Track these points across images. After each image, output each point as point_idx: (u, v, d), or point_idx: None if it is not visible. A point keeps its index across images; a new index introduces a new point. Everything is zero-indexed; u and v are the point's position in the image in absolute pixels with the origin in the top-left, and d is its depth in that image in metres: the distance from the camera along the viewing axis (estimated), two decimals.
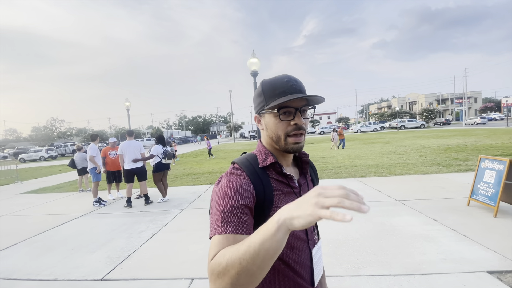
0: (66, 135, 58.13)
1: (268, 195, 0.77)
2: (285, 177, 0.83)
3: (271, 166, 0.82)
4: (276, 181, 0.82)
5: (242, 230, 0.67)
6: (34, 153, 30.46)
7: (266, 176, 0.80)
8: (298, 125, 0.79)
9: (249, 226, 0.70)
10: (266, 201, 0.76)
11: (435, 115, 48.53)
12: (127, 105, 16.36)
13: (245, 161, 0.83)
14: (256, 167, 0.81)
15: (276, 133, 0.81)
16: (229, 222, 0.67)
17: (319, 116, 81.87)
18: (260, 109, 0.83)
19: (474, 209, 4.21)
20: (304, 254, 0.82)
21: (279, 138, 0.81)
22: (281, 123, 0.80)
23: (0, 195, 8.80)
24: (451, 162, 8.48)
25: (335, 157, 11.88)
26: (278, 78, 0.82)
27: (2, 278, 3.08)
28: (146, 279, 2.87)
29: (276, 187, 0.80)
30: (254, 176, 0.78)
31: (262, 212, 0.76)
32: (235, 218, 0.68)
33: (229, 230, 0.66)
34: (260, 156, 0.84)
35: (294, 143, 0.80)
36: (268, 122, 0.82)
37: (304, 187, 0.89)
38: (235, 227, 0.67)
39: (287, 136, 0.79)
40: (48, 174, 14.45)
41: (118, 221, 5.03)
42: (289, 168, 0.90)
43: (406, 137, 21.83)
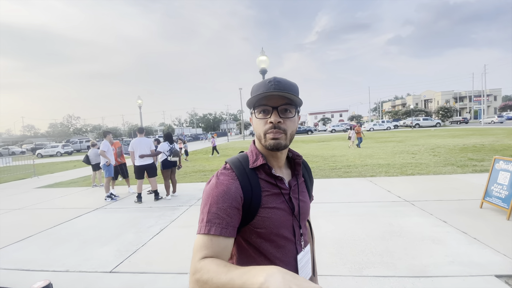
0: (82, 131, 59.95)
1: (256, 196, 0.79)
2: (274, 178, 0.84)
3: (261, 167, 0.84)
4: (265, 182, 0.83)
5: (225, 232, 0.71)
6: (51, 149, 31.54)
7: (255, 177, 0.82)
8: (273, 123, 0.78)
9: (232, 227, 0.73)
10: (253, 202, 0.78)
11: (452, 113, 46.96)
12: (139, 102, 16.68)
13: (236, 161, 0.85)
14: (246, 168, 0.83)
15: (257, 132, 0.83)
16: (213, 223, 0.72)
17: (330, 114, 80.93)
18: (250, 110, 0.87)
19: (487, 212, 4.08)
20: (290, 254, 0.84)
21: (260, 137, 0.82)
22: (259, 122, 0.81)
23: (18, 189, 9.19)
24: (466, 163, 8.22)
25: (345, 156, 11.73)
26: (264, 80, 0.83)
27: (17, 269, 3.23)
28: (152, 273, 2.94)
29: (264, 188, 0.82)
30: (243, 176, 0.80)
31: (250, 211, 0.78)
32: (219, 219, 0.72)
33: (212, 231, 0.70)
34: (251, 156, 0.86)
35: (271, 139, 0.79)
36: (253, 121, 0.85)
37: (295, 188, 0.90)
38: (218, 228, 0.71)
39: (266, 133, 0.80)
40: (64, 169, 14.95)
41: (128, 216, 5.17)
42: (281, 169, 0.90)
43: (420, 136, 21.28)
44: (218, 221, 0.72)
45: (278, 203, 0.83)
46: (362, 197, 5.31)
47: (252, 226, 0.79)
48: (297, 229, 0.87)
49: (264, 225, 0.80)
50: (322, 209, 4.72)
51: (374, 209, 4.52)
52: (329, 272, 2.69)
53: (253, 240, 0.81)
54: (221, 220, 0.72)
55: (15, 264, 3.34)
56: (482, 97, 47.01)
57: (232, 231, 0.73)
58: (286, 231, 0.84)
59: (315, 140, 25.40)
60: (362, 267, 2.74)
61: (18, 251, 3.78)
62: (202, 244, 0.70)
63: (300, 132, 44.50)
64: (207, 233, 0.71)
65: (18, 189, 9.13)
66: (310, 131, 44.63)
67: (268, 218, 0.80)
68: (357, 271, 2.68)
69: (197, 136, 51.61)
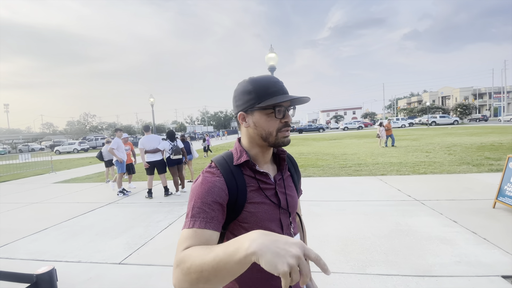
0: (97, 129, 61.69)
1: (241, 191, 0.82)
2: (259, 174, 0.87)
3: (245, 164, 0.87)
4: (250, 178, 0.86)
5: (209, 225, 0.73)
6: (68, 146, 32.71)
7: (240, 173, 0.85)
8: (287, 122, 0.85)
9: (216, 221, 0.75)
10: (239, 197, 0.81)
11: (470, 110, 45.26)
12: (152, 101, 17.00)
13: (221, 160, 0.88)
14: (231, 165, 0.85)
15: (267, 130, 0.85)
16: (197, 217, 0.74)
17: (343, 111, 79.71)
18: (249, 106, 0.85)
19: (500, 212, 3.95)
20: None
21: (270, 134, 0.85)
22: (273, 120, 0.84)
23: (36, 184, 9.61)
24: (482, 162, 7.94)
25: (357, 154, 11.57)
26: (267, 78, 0.86)
27: (32, 259, 3.41)
28: (159, 265, 3.04)
29: (249, 184, 0.85)
30: (227, 173, 0.83)
31: (236, 207, 0.81)
32: (204, 213, 0.74)
33: (197, 225, 0.72)
34: (236, 154, 0.89)
35: (284, 137, 0.86)
36: (259, 120, 0.84)
37: (280, 182, 0.92)
38: (202, 222, 0.73)
39: (278, 132, 0.85)
40: (80, 165, 15.48)
41: (139, 210, 5.32)
42: (267, 165, 0.93)
43: (436, 134, 20.66)
44: (203, 215, 0.74)
45: (263, 197, 0.85)
46: (371, 195, 5.24)
47: (239, 221, 0.82)
48: (285, 221, 0.90)
49: (251, 219, 0.82)
50: (329, 207, 4.69)
51: (382, 208, 4.46)
52: (332, 269, 2.69)
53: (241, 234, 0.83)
54: (205, 214, 0.74)
55: (31, 255, 3.52)
56: (502, 94, 45.06)
57: (216, 225, 0.75)
58: (273, 224, 0.85)
59: (326, 138, 25.13)
60: (365, 265, 2.73)
61: (34, 242, 3.98)
62: (185, 237, 0.71)
63: (312, 129, 44.11)
64: (191, 227, 0.72)
65: (37, 184, 9.54)
66: (321, 128, 44.15)
67: (255, 213, 0.82)
68: (360, 269, 2.67)
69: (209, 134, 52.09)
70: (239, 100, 0.87)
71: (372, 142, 17.36)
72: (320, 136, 29.78)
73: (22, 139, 60.24)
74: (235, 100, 0.90)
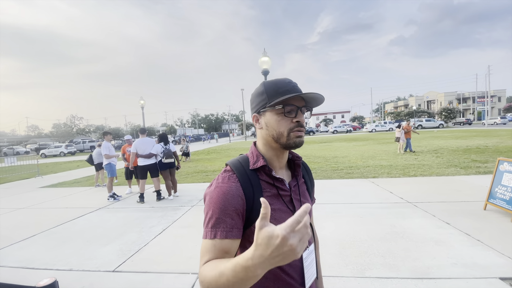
0: (85, 132, 60.26)
1: (257, 197, 0.80)
2: (275, 179, 0.85)
3: (262, 169, 0.85)
4: (266, 183, 0.84)
5: (230, 235, 0.73)
6: (54, 149, 31.76)
7: (256, 178, 0.83)
8: (300, 122, 0.82)
9: (237, 229, 0.75)
10: (255, 202, 0.79)
11: (455, 114, 46.70)
12: (142, 103, 16.75)
13: (237, 163, 0.86)
14: (247, 169, 0.84)
15: (278, 130, 0.82)
16: (218, 227, 0.73)
17: (332, 114, 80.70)
18: (261, 107, 0.84)
19: (491, 213, 4.06)
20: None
21: (282, 135, 0.82)
22: (284, 120, 0.82)
23: (22, 188, 9.26)
24: (469, 164, 8.17)
25: (347, 157, 11.71)
26: (280, 79, 0.85)
27: (21, 267, 3.26)
28: (154, 272, 2.96)
29: (265, 189, 0.83)
30: (244, 178, 0.81)
31: (252, 212, 0.79)
32: (224, 223, 0.73)
33: (218, 235, 0.72)
34: (252, 158, 0.87)
35: (297, 137, 0.82)
36: (270, 119, 0.84)
37: (295, 189, 0.90)
38: (223, 232, 0.72)
39: (290, 132, 0.82)
40: (67, 169, 15.04)
41: (131, 215, 5.19)
42: (282, 170, 0.91)
43: (423, 137, 21.18)
44: (223, 225, 0.73)
45: (279, 204, 0.83)
46: (364, 198, 5.30)
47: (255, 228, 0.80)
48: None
49: None
50: (324, 210, 4.71)
51: (376, 210, 4.51)
52: (332, 273, 2.69)
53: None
54: (225, 224, 0.73)
55: (20, 263, 3.37)
56: (486, 98, 46.71)
57: (237, 233, 0.75)
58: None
59: (316, 141, 25.36)
60: (364, 268, 2.74)
61: (23, 249, 3.81)
62: (206, 249, 0.71)
63: None
64: (213, 238, 0.72)
65: (23, 189, 9.20)
66: (311, 132, 44.60)
67: (271, 220, 0.79)
68: (359, 272, 2.67)
69: (199, 137, 51.72)
70: (253, 102, 0.88)
71: (361, 145, 17.63)
72: (310, 139, 30.03)
73: (7, 142, 58.17)
74: (250, 103, 0.91)
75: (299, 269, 0.84)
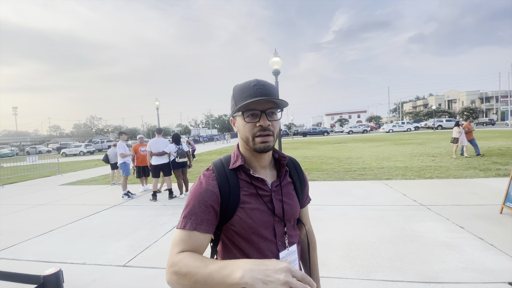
0: (103, 132, 62.31)
1: (234, 195, 0.83)
2: (254, 179, 0.87)
3: (240, 168, 0.87)
4: (245, 183, 0.86)
5: (199, 228, 0.77)
6: (74, 148, 33.04)
7: (235, 177, 0.86)
8: (263, 126, 0.81)
9: (207, 223, 0.79)
10: (231, 201, 0.82)
11: (477, 114, 44.80)
12: (157, 104, 17.14)
13: (219, 163, 0.90)
14: (227, 169, 0.87)
15: (244, 135, 0.85)
16: (189, 219, 0.78)
17: (348, 114, 79.34)
18: (232, 112, 0.87)
19: (507, 217, 3.88)
20: (271, 255, 0.84)
21: (248, 139, 0.84)
22: (247, 125, 0.83)
23: (43, 186, 9.72)
24: (489, 166, 7.83)
25: (362, 158, 11.50)
26: (247, 82, 0.85)
27: (37, 260, 3.45)
28: (163, 268, 3.05)
29: (243, 188, 0.85)
30: (222, 177, 0.85)
31: (228, 210, 0.82)
32: (195, 216, 0.78)
33: (188, 226, 0.77)
34: (233, 158, 0.90)
35: (261, 143, 0.82)
36: (239, 124, 0.86)
37: (277, 189, 0.90)
38: (192, 224, 0.77)
39: (255, 137, 0.82)
40: (86, 167, 15.64)
41: (143, 213, 5.34)
42: (265, 170, 0.92)
43: (442, 138, 20.44)
44: (194, 217, 0.78)
45: (257, 203, 0.84)
46: (376, 200, 5.20)
47: (231, 225, 0.83)
48: (280, 229, 0.87)
49: (242, 224, 0.82)
50: (333, 211, 4.66)
51: (387, 213, 4.42)
52: (336, 275, 2.67)
53: (234, 238, 0.84)
54: (196, 216, 0.78)
55: (37, 256, 3.56)
56: (509, 98, 44.47)
57: (207, 227, 0.79)
58: (266, 231, 0.84)
59: (331, 141, 25.03)
60: (370, 270, 2.70)
61: (40, 243, 4.02)
62: (179, 239, 0.76)
63: (316, 133, 44.00)
64: (182, 228, 0.77)
65: (44, 186, 9.66)
66: (326, 132, 44.03)
67: (246, 218, 0.82)
68: (364, 274, 2.64)
69: (212, 137, 52.28)
70: (230, 106, 0.90)
71: (376, 146, 17.23)
72: (325, 139, 29.67)
73: (30, 142, 61.11)
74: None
75: None
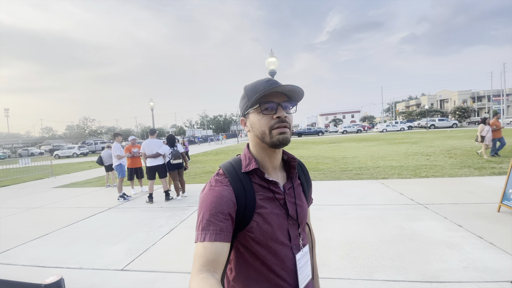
0: (97, 133, 61.51)
1: (250, 200, 0.79)
2: (268, 182, 0.84)
3: (254, 172, 0.84)
4: (259, 186, 0.83)
5: (219, 238, 0.72)
6: (67, 150, 32.61)
7: (248, 181, 0.82)
8: (280, 118, 0.79)
9: (226, 232, 0.74)
10: (248, 206, 0.79)
11: (469, 113, 45.44)
12: (151, 105, 17.00)
13: (229, 166, 0.85)
14: (239, 172, 0.83)
15: (260, 129, 0.81)
16: (207, 230, 0.73)
17: (342, 114, 79.84)
18: (245, 110, 0.85)
19: (505, 216, 3.93)
20: (287, 259, 0.83)
21: (265, 134, 0.81)
22: (264, 118, 0.80)
23: (36, 188, 9.54)
24: (483, 165, 7.94)
25: (357, 158, 11.56)
26: (260, 80, 0.85)
27: (33, 265, 3.36)
28: (162, 272, 2.99)
29: (258, 192, 0.82)
30: (235, 181, 0.81)
31: (245, 216, 0.79)
32: (213, 226, 0.73)
33: (207, 238, 0.72)
34: (244, 160, 0.86)
35: (279, 134, 0.79)
36: (253, 120, 0.83)
37: (290, 192, 0.88)
38: (212, 235, 0.72)
39: (272, 129, 0.80)
40: (80, 169, 15.41)
41: (140, 215, 5.27)
42: (276, 172, 0.89)
43: (435, 137, 20.70)
44: (212, 227, 0.73)
45: (272, 207, 0.82)
46: (373, 199, 5.22)
47: (247, 231, 0.79)
48: (294, 232, 0.86)
49: (259, 230, 0.79)
50: (332, 211, 4.66)
51: (386, 212, 4.43)
52: (338, 275, 2.66)
53: (250, 245, 0.81)
54: (214, 226, 0.73)
55: (32, 261, 3.47)
56: (501, 97, 45.31)
57: (227, 236, 0.74)
58: (282, 235, 0.83)
59: (325, 141, 25.14)
60: (371, 270, 2.70)
61: (35, 248, 3.93)
62: (198, 253, 0.71)
63: (311, 133, 44.13)
64: (202, 241, 0.72)
65: (37, 189, 9.48)
66: (320, 132, 44.20)
67: (263, 223, 0.80)
68: (366, 274, 2.63)
69: (206, 138, 52.10)
70: (240, 107, 0.90)
71: (371, 145, 17.35)
72: (320, 139, 29.79)
73: (22, 144, 60.05)
74: (239, 109, 0.92)
75: (292, 271, 0.83)
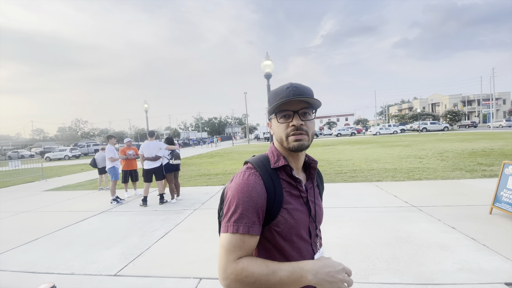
0: (89, 135, 60.67)
1: (278, 195, 0.82)
2: (294, 180, 0.87)
3: (282, 168, 0.87)
4: (286, 183, 0.86)
5: (252, 230, 0.75)
6: (59, 152, 32.04)
7: (277, 177, 0.85)
8: (295, 126, 0.83)
9: (258, 225, 0.77)
10: (276, 201, 0.81)
11: (460, 117, 46.26)
12: (146, 107, 16.87)
13: (258, 161, 0.88)
14: (268, 168, 0.86)
15: (279, 135, 0.87)
16: (240, 222, 0.75)
17: (336, 117, 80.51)
18: (268, 115, 0.91)
19: (497, 218, 3.99)
20: (308, 255, 0.87)
21: (282, 140, 0.86)
22: (281, 126, 0.86)
23: (26, 192, 9.33)
24: (475, 167, 8.07)
25: (351, 160, 11.64)
26: (281, 86, 0.88)
27: (23, 271, 3.27)
28: (156, 277, 2.94)
29: (286, 189, 0.85)
30: (266, 176, 0.83)
31: (272, 210, 0.80)
32: (246, 218, 0.75)
33: (240, 230, 0.74)
34: (273, 157, 0.89)
35: (294, 141, 0.83)
36: (274, 126, 0.89)
37: (311, 191, 0.93)
38: (245, 227, 0.75)
39: (288, 136, 0.84)
40: (71, 172, 15.15)
41: (134, 219, 5.19)
42: (298, 172, 0.93)
43: (427, 140, 21.00)
44: (245, 220, 0.75)
45: (297, 204, 0.86)
46: (368, 202, 5.25)
47: (273, 226, 0.82)
48: (313, 231, 0.90)
49: (285, 224, 0.82)
50: (327, 214, 4.65)
51: (380, 215, 4.46)
52: None
53: (273, 239, 0.83)
54: (247, 219, 0.75)
55: (22, 266, 3.38)
56: (490, 101, 46.33)
57: (258, 229, 0.77)
58: (304, 232, 0.87)
59: (320, 144, 25.28)
60: (368, 273, 2.70)
61: (25, 253, 3.82)
62: (234, 244, 0.74)
63: None
64: (235, 232, 0.74)
65: (27, 192, 9.27)
66: (315, 134, 44.46)
67: (289, 218, 0.83)
68: (363, 277, 2.63)
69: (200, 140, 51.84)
70: (267, 110, 0.94)
71: (365, 148, 17.49)
72: (314, 142, 29.94)
73: (12, 146, 58.79)
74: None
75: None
